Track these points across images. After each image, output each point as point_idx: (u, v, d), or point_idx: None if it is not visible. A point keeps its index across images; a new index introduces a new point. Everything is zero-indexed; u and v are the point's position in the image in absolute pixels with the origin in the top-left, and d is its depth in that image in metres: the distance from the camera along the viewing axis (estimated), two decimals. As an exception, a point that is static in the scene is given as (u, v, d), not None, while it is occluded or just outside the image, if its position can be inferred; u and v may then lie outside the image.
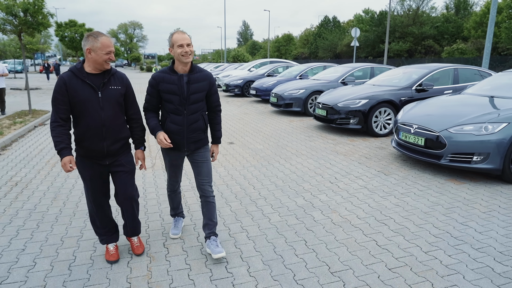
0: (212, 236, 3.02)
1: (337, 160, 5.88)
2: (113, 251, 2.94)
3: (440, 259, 2.94)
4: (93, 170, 2.77)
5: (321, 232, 3.43)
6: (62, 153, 2.60)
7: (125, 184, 2.83)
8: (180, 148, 2.94)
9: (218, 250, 2.89)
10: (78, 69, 2.62)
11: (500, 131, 4.53)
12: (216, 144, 3.17)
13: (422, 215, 3.78)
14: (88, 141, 2.67)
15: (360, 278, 2.70)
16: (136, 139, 2.94)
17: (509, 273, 2.74)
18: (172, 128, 2.87)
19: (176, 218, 3.41)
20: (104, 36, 2.59)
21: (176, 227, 3.35)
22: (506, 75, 6.22)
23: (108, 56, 2.59)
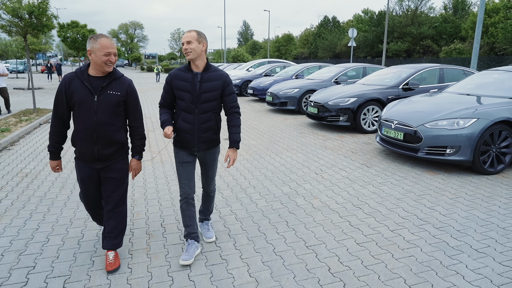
0: (205, 220, 3.35)
1: (325, 154, 6.28)
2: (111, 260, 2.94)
3: (404, 236, 3.35)
4: (86, 173, 2.78)
5: (301, 214, 3.84)
6: (51, 156, 2.81)
7: (112, 191, 2.79)
8: (190, 147, 2.91)
9: (209, 234, 3.24)
10: (81, 71, 2.65)
11: (470, 126, 4.94)
12: (233, 148, 2.96)
13: (395, 201, 4.19)
14: (80, 143, 2.69)
15: (331, 250, 3.11)
16: (133, 148, 2.90)
17: (461, 247, 3.15)
18: (183, 126, 2.86)
19: (189, 241, 2.99)
20: (104, 37, 2.59)
21: (187, 252, 2.92)
22: (484, 75, 6.62)
23: (107, 58, 2.57)
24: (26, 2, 10.29)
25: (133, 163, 2.90)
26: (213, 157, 3.04)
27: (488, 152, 5.06)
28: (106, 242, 2.86)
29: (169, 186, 4.72)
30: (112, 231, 2.84)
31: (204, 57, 2.85)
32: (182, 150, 2.96)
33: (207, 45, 2.84)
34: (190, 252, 2.91)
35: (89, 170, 2.77)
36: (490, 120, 4.91)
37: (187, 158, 2.95)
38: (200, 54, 2.79)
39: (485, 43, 38.75)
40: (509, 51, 34.78)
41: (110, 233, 2.84)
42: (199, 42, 2.77)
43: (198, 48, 2.76)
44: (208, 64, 2.86)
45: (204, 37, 2.82)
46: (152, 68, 60.80)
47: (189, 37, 2.75)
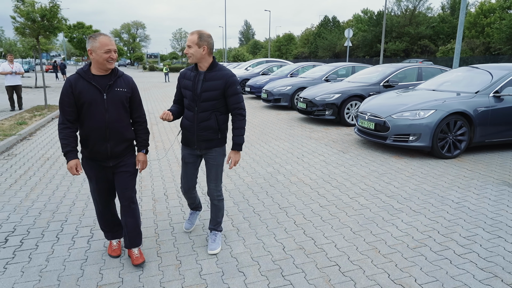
0: (213, 231, 3.19)
1: (309, 143, 7.10)
2: (115, 246, 3.08)
3: (359, 201, 4.17)
4: (98, 171, 2.81)
5: (280, 187, 4.66)
6: (68, 157, 2.66)
7: (126, 184, 2.84)
8: (190, 144, 2.98)
9: (213, 246, 3.10)
10: (84, 71, 2.66)
11: (429, 116, 5.74)
12: (235, 150, 2.97)
13: (359, 178, 5.00)
14: (92, 142, 2.70)
15: (299, 211, 3.93)
16: (139, 142, 2.93)
17: (403, 208, 3.96)
18: (185, 123, 2.95)
19: (192, 211, 3.48)
20: (102, 35, 2.61)
21: (189, 220, 3.45)
22: (452, 73, 7.42)
23: (108, 55, 2.60)
24: (38, 6, 11.12)
25: (141, 157, 2.92)
26: (215, 159, 2.99)
27: (446, 139, 5.87)
28: (128, 242, 2.92)
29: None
30: (133, 230, 2.88)
31: (207, 58, 2.83)
32: (185, 149, 3.05)
33: (210, 46, 2.81)
34: (192, 220, 3.47)
35: (102, 168, 2.81)
36: (446, 111, 5.72)
37: (189, 158, 3.04)
38: (200, 58, 2.79)
39: (481, 43, 39.48)
40: (504, 50, 35.45)
41: (131, 233, 2.89)
42: (199, 46, 2.76)
43: (197, 53, 2.77)
44: (213, 63, 2.85)
45: (205, 40, 2.78)
46: (153, 67, 61.66)
47: (190, 41, 2.77)
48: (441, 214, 3.81)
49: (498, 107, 5.98)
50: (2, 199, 4.24)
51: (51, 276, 2.75)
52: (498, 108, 5.98)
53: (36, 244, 3.23)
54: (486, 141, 6.09)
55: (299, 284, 2.65)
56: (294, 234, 3.40)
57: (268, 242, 3.26)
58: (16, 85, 11.55)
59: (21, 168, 5.46)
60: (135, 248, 2.94)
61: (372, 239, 3.30)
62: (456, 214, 3.81)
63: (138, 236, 2.94)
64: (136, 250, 2.95)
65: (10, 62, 11.39)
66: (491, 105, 5.96)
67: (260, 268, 2.86)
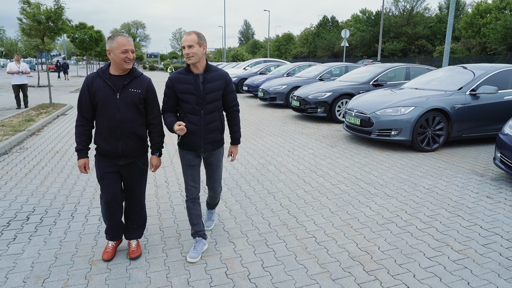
0: (210, 209, 3.59)
1: (300, 138, 7.58)
2: (109, 249, 3.02)
3: (340, 187, 4.65)
4: (108, 168, 2.84)
5: (269, 175, 5.14)
6: (78, 155, 2.80)
7: (133, 187, 2.92)
8: (197, 148, 2.94)
9: (208, 223, 3.54)
10: (103, 71, 2.74)
11: (409, 112, 6.23)
12: (235, 145, 3.18)
13: (343, 168, 5.49)
14: (104, 140, 2.76)
15: (285, 195, 4.41)
16: (153, 144, 2.95)
17: (378, 193, 4.45)
18: (190, 128, 2.87)
19: (197, 239, 3.08)
20: (120, 36, 2.67)
21: (195, 249, 3.02)
22: (435, 73, 7.90)
23: (125, 55, 2.65)
24: (44, 8, 11.59)
25: (154, 160, 2.95)
26: (218, 158, 3.09)
27: (425, 133, 6.35)
28: (128, 233, 3.04)
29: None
30: (133, 224, 3.02)
31: (204, 59, 2.85)
32: (188, 153, 2.98)
33: (206, 46, 2.85)
34: (198, 249, 3.01)
35: (112, 166, 2.85)
36: (424, 108, 6.20)
37: (194, 161, 2.98)
38: (201, 57, 2.79)
39: (477, 43, 39.96)
40: (499, 50, 35.93)
41: (132, 225, 3.02)
42: (200, 45, 2.75)
43: (199, 52, 2.75)
44: (208, 64, 2.87)
45: (204, 39, 2.81)
46: (154, 67, 62.13)
47: (190, 40, 2.72)
48: (411, 198, 4.30)
49: (474, 104, 6.47)
50: (20, 185, 4.72)
51: (70, 245, 3.23)
52: (474, 105, 6.46)
53: (54, 221, 3.71)
54: (463, 135, 6.57)
55: (280, 251, 3.13)
56: (279, 214, 3.88)
57: (256, 220, 3.74)
58: (23, 84, 12.02)
59: (33, 160, 5.94)
60: (133, 241, 3.06)
61: (347, 217, 3.79)
62: (424, 198, 4.30)
63: (139, 229, 3.07)
64: (134, 243, 3.05)
65: (17, 62, 11.85)
66: (468, 102, 6.44)
67: (248, 239, 3.34)
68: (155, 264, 2.94)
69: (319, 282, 2.69)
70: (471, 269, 2.85)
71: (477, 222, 3.66)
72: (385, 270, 2.85)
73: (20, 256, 3.04)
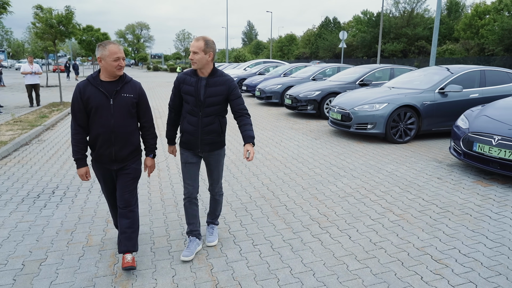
0: (211, 224, 3.37)
1: (289, 132, 8.40)
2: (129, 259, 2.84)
3: (314, 171, 5.45)
4: (104, 174, 2.93)
5: (256, 162, 5.95)
6: (78, 164, 2.85)
7: (125, 188, 2.89)
8: (194, 148, 3.01)
9: (211, 238, 3.29)
10: (93, 77, 2.76)
11: (382, 108, 7.02)
12: (249, 143, 2.88)
13: (322, 156, 6.29)
14: (98, 146, 2.79)
15: (267, 176, 5.22)
16: (147, 147, 3.03)
17: (346, 175, 5.24)
18: (188, 128, 2.97)
19: (190, 238, 3.16)
20: (112, 44, 2.70)
21: (188, 248, 3.09)
22: (414, 73, 8.69)
23: (117, 62, 2.68)
24: (55, 13, 12.49)
25: (148, 161, 3.04)
26: (217, 159, 3.10)
27: (397, 127, 7.14)
28: (122, 246, 2.85)
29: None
30: (125, 231, 2.85)
31: (210, 65, 2.88)
32: (187, 151, 3.06)
33: (214, 53, 2.85)
34: (191, 248, 3.08)
35: (107, 171, 2.92)
36: (396, 104, 6.99)
37: (192, 159, 3.05)
38: (205, 64, 2.83)
39: (476, 44, 40.56)
40: (496, 51, 36.53)
41: (123, 233, 2.85)
42: (205, 53, 2.79)
43: (203, 59, 2.80)
44: (214, 69, 2.91)
45: (211, 46, 2.82)
46: (158, 67, 63.13)
47: (196, 47, 2.79)
48: (373, 179, 5.10)
49: (443, 101, 7.25)
50: (43, 168, 5.57)
51: (89, 210, 4.07)
52: (442, 102, 7.25)
53: (75, 194, 4.55)
54: (433, 129, 7.35)
55: (256, 214, 3.94)
56: (259, 189, 4.70)
57: (239, 194, 4.56)
58: (35, 83, 12.90)
59: (52, 149, 6.79)
60: (128, 254, 2.85)
61: (315, 192, 4.59)
62: (384, 179, 5.10)
63: (132, 241, 2.86)
64: (129, 256, 2.84)
65: (30, 63, 12.73)
66: (436, 99, 7.22)
67: (232, 207, 4.15)
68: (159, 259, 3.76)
69: (283, 235, 3.50)
70: (403, 226, 3.65)
71: (421, 196, 4.45)
72: (336, 227, 3.65)
73: (51, 217, 3.87)
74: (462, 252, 3.15)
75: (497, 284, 2.70)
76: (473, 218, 3.82)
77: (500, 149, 4.66)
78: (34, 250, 3.21)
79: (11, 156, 6.26)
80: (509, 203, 4.20)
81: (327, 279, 2.79)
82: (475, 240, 3.35)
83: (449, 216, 3.88)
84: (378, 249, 3.22)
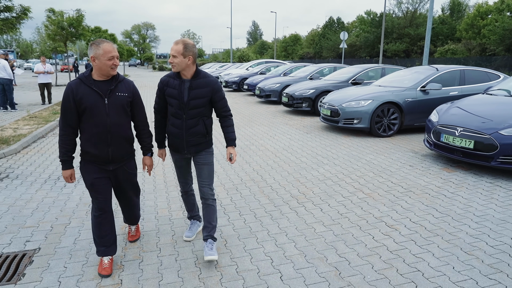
0: (209, 239, 3.07)
1: (283, 128, 9.06)
2: (106, 265, 2.86)
3: (301, 159, 6.11)
4: (97, 175, 2.79)
5: (250, 152, 6.62)
6: (64, 165, 2.77)
7: (124, 191, 3.02)
8: (180, 150, 3.04)
9: (210, 253, 2.97)
10: (85, 77, 2.69)
11: (367, 105, 7.66)
12: (231, 146, 3.08)
13: (310, 147, 6.94)
14: (93, 146, 2.72)
15: (258, 163, 5.88)
16: (143, 146, 3.01)
17: (329, 163, 5.89)
18: (173, 131, 3.00)
19: (192, 221, 3.49)
20: (106, 42, 2.64)
21: (190, 229, 3.43)
22: (398, 72, 9.31)
23: (112, 62, 2.64)
24: (67, 16, 13.25)
25: (147, 161, 3.04)
26: (205, 159, 3.08)
27: (381, 122, 7.77)
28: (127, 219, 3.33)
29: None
30: (129, 218, 3.30)
31: (191, 67, 2.89)
32: (175, 154, 3.13)
33: (194, 56, 2.87)
34: (193, 230, 3.45)
35: (101, 171, 2.82)
36: (379, 101, 7.63)
37: (181, 162, 3.16)
38: (184, 67, 2.85)
39: (478, 44, 40.91)
40: (497, 51, 36.86)
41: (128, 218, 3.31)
42: (184, 56, 2.81)
43: (182, 63, 2.82)
44: (197, 71, 2.92)
45: (190, 50, 2.83)
46: (163, 67, 64.02)
47: (174, 50, 2.80)
48: (351, 166, 5.74)
49: (424, 98, 7.86)
50: (60, 157, 6.27)
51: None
52: (424, 99, 7.87)
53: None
54: (415, 124, 7.97)
55: (245, 192, 4.61)
56: (250, 173, 5.37)
57: (232, 177, 5.23)
58: (47, 82, 13.67)
59: (66, 141, 7.50)
60: (133, 225, 3.35)
61: (298, 176, 5.25)
62: (361, 166, 5.74)
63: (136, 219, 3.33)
64: (134, 227, 3.35)
65: (43, 63, 13.51)
66: (418, 96, 7.85)
67: (224, 187, 4.83)
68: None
69: (266, 208, 4.16)
70: (368, 202, 4.30)
71: (390, 179, 5.10)
72: (311, 202, 4.32)
73: (71, 194, 4.57)
74: (412, 220, 3.80)
75: (433, 242, 3.35)
76: (430, 197, 4.46)
77: (462, 139, 5.29)
78: (59, 217, 3.90)
79: (30, 147, 6.99)
80: (465, 185, 4.83)
81: (297, 238, 3.45)
82: (426, 212, 4.00)
83: (410, 195, 4.52)
84: (343, 218, 3.87)
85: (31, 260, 3.06)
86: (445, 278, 2.79)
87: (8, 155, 6.32)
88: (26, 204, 4.22)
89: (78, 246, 3.28)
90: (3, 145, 6.68)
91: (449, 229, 3.59)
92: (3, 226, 3.68)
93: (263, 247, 3.28)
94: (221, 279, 2.81)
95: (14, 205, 4.19)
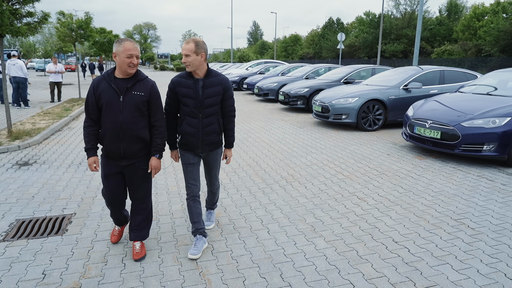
0: (209, 209, 3.74)
1: (279, 123, 9.84)
2: (116, 232, 3.31)
3: (292, 149, 6.89)
4: (111, 169, 2.93)
5: (247, 143, 7.40)
6: (88, 153, 2.90)
7: (136, 189, 3.00)
8: (194, 149, 3.09)
9: (208, 223, 3.66)
10: (108, 74, 2.82)
11: (354, 102, 8.45)
12: (229, 148, 3.30)
13: (301, 140, 7.73)
14: (107, 141, 2.83)
15: (254, 152, 6.67)
16: (153, 146, 2.96)
17: (316, 152, 6.68)
18: (188, 130, 3.02)
19: (197, 236, 3.20)
20: (128, 41, 2.75)
21: (195, 246, 3.14)
22: (386, 72, 10.09)
23: (130, 59, 2.71)
24: (76, 18, 14.01)
25: (153, 161, 2.97)
26: (215, 158, 3.24)
27: (367, 117, 8.55)
28: (133, 234, 3.08)
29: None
30: (138, 225, 3.06)
31: (203, 65, 2.95)
32: (187, 152, 3.14)
33: (206, 53, 2.93)
34: (198, 246, 3.13)
35: (115, 167, 2.93)
36: (365, 98, 8.41)
37: (193, 160, 3.14)
38: (198, 65, 2.90)
39: (474, 45, 41.67)
40: (492, 52, 37.62)
41: (136, 227, 3.07)
42: (197, 54, 2.87)
43: (196, 61, 2.88)
44: (208, 70, 2.98)
45: (202, 47, 2.90)
46: (164, 67, 64.84)
47: (187, 49, 2.86)
48: (336, 154, 6.53)
49: (406, 96, 8.64)
50: (79, 146, 7.06)
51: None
52: (406, 96, 8.64)
53: (107, 163, 6.02)
54: (398, 119, 8.75)
55: (242, 174, 5.39)
56: (246, 159, 6.16)
57: (231, 163, 6.01)
58: (58, 81, 14.47)
59: (81, 134, 8.29)
60: (137, 243, 3.10)
61: (288, 162, 6.04)
62: (345, 155, 6.52)
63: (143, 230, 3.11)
64: (138, 245, 3.10)
65: (54, 63, 14.29)
66: (401, 94, 8.63)
67: (224, 170, 5.61)
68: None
69: (259, 185, 4.94)
70: (346, 181, 5.09)
71: (368, 165, 5.88)
72: (297, 182, 5.10)
73: (93, 175, 5.35)
74: (379, 195, 4.59)
75: (393, 209, 4.14)
76: (399, 178, 5.24)
77: (431, 130, 6.07)
78: (87, 192, 4.69)
79: (50, 139, 7.78)
80: (431, 169, 5.62)
81: (283, 206, 4.23)
82: (393, 189, 4.79)
83: (382, 176, 5.31)
84: (322, 193, 4.66)
85: (70, 221, 3.85)
86: (396, 233, 3.58)
87: (32, 145, 7.11)
88: (56, 183, 5.01)
89: (106, 212, 4.07)
90: (27, 137, 7.47)
91: (408, 201, 4.38)
92: (41, 198, 4.47)
93: (255, 213, 4.07)
94: (221, 232, 3.60)
95: (47, 183, 4.98)
